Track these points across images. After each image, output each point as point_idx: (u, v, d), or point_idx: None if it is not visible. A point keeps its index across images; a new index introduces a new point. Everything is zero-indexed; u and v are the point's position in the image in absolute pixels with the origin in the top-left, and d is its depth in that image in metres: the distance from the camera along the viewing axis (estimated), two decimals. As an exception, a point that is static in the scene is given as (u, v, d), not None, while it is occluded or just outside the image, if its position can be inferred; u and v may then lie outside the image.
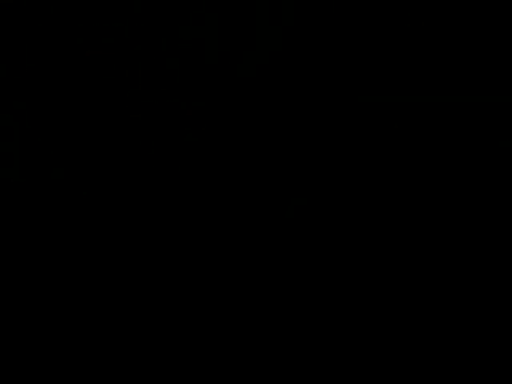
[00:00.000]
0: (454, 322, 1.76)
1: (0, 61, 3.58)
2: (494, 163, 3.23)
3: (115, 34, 3.79)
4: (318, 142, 4.31)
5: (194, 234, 3.34)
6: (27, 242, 3.26)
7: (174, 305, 1.95)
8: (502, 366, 1.43)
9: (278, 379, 1.38)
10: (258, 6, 3.68)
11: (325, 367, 1.45)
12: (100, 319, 1.85)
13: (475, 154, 3.31)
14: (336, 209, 3.34)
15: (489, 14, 3.54)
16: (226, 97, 4.19)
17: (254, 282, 2.31)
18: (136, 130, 3.97)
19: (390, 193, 3.34)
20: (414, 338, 1.63)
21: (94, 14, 3.82)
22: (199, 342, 1.64)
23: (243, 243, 3.08)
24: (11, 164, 3.83)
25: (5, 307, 1.96)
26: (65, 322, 1.83)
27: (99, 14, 3.82)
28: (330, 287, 2.20)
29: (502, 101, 3.37)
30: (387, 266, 2.70)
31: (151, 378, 1.38)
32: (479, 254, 2.93)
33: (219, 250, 3.05)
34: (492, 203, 3.23)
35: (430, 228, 3.22)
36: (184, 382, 1.39)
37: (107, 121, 3.88)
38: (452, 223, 3.26)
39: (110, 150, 3.94)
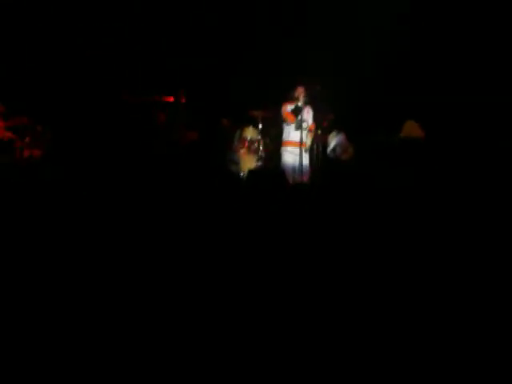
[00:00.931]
0: (453, 322, 1.77)
1: (0, 61, 3.57)
2: (494, 163, 3.24)
3: (115, 34, 3.78)
4: (318, 141, 4.29)
5: (193, 234, 3.34)
6: (27, 241, 3.26)
7: (173, 304, 1.95)
8: (502, 365, 1.44)
9: (277, 379, 1.38)
10: (258, 5, 3.68)
11: (324, 367, 1.45)
12: (99, 319, 1.86)
13: (475, 154, 3.31)
14: (335, 208, 3.34)
15: (489, 16, 3.53)
16: (225, 97, 4.17)
17: (253, 282, 2.31)
18: (136, 129, 3.95)
19: (390, 192, 3.34)
20: (414, 337, 1.64)
21: (94, 14, 3.81)
22: (198, 341, 1.64)
23: (243, 243, 3.09)
24: (11, 164, 3.82)
25: (5, 307, 1.97)
26: (64, 322, 1.84)
27: (99, 14, 3.81)
28: (330, 286, 2.21)
29: (501, 101, 3.36)
30: (387, 265, 2.70)
31: (151, 378, 1.38)
32: (478, 253, 2.93)
33: (219, 250, 3.05)
34: (492, 203, 3.23)
35: (429, 227, 3.23)
36: (184, 381, 1.39)
37: (107, 121, 3.86)
38: (451, 222, 3.26)
39: (110, 149, 3.92)
